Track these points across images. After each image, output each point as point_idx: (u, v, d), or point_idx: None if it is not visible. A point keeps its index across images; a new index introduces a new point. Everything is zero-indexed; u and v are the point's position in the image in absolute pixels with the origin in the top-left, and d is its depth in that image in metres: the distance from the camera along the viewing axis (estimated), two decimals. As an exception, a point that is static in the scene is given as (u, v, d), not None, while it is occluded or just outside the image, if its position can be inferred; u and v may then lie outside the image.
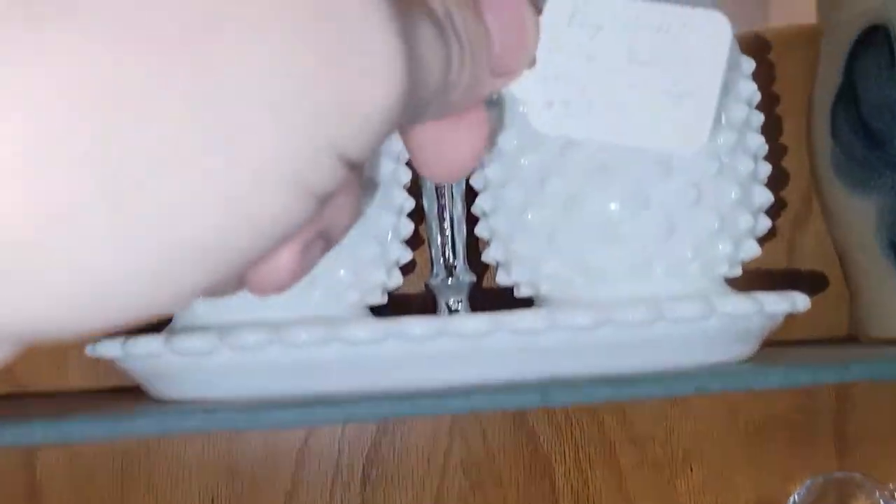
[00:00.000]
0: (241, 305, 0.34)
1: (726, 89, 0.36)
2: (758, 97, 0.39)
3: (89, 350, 0.37)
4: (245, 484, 0.50)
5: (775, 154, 0.55)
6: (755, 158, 0.37)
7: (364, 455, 0.51)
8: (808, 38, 0.51)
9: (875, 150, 0.44)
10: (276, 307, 0.34)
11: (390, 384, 0.33)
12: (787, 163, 0.54)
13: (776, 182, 0.54)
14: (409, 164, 0.40)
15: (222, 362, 0.33)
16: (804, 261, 0.55)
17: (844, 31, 0.46)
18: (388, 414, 0.33)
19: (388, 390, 0.33)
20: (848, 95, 0.45)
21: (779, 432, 0.54)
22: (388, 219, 0.37)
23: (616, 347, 0.34)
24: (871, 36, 0.44)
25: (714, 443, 0.54)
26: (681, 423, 0.54)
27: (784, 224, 0.54)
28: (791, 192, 0.54)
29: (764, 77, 0.55)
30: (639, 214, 0.35)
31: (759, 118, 0.38)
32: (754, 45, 0.55)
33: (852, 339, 0.49)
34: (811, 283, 0.53)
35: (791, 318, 0.39)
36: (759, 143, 0.37)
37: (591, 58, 0.22)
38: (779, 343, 0.50)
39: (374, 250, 0.36)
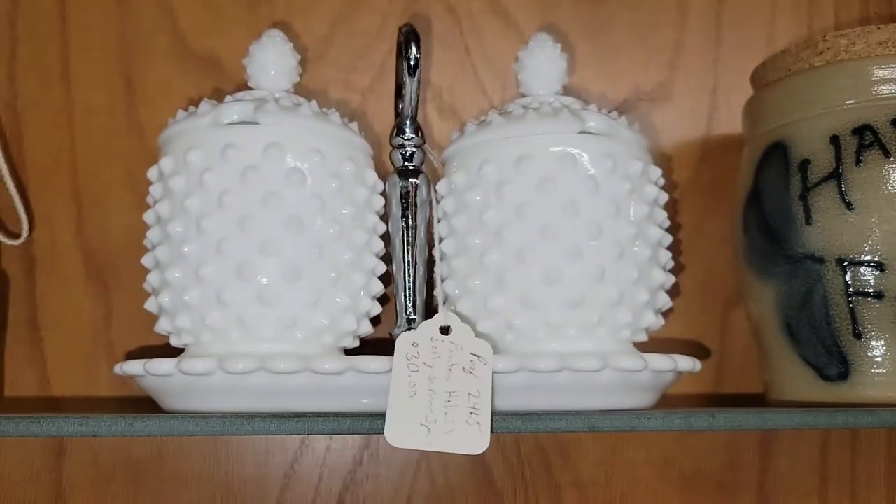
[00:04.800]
0: (238, 340, 0.44)
1: (634, 190, 0.46)
2: (664, 198, 0.48)
3: (116, 369, 0.46)
4: (238, 499, 0.59)
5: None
6: (654, 247, 0.46)
7: (341, 481, 0.60)
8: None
9: (774, 244, 0.52)
10: (264, 344, 0.43)
11: (349, 408, 0.42)
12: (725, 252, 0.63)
13: (712, 268, 0.63)
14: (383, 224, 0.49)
15: (218, 383, 0.42)
16: (734, 335, 0.63)
17: (756, 145, 0.55)
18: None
19: (348, 412, 0.42)
20: (755, 199, 0.54)
21: (707, 484, 0.62)
22: (360, 279, 0.46)
23: (530, 390, 0.42)
24: (774, 151, 0.53)
25: (649, 489, 0.62)
26: (620, 469, 0.62)
27: (717, 303, 0.63)
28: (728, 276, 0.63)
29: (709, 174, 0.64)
30: (554, 287, 0.44)
31: (663, 215, 0.47)
32: (703, 148, 0.65)
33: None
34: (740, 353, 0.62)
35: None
36: (659, 234, 0.46)
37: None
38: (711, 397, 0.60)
39: (348, 303, 0.46)
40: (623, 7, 0.66)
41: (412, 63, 0.46)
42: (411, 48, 0.46)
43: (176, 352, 0.48)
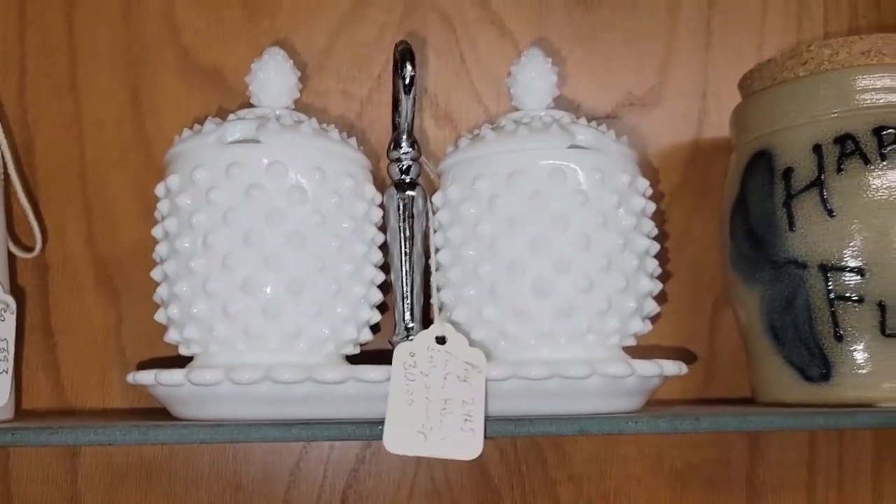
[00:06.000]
0: (244, 350, 0.46)
1: (621, 202, 0.48)
2: (651, 209, 0.50)
3: (129, 378, 0.48)
4: (245, 497, 0.61)
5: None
6: (641, 256, 0.48)
7: (344, 479, 0.62)
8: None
9: (758, 250, 0.54)
10: (269, 354, 0.46)
11: (350, 414, 0.44)
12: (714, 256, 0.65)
13: (701, 270, 0.65)
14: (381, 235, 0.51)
15: (226, 393, 0.44)
16: (724, 336, 0.65)
17: (743, 152, 0.57)
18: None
19: (349, 419, 0.44)
20: (741, 205, 0.56)
21: (698, 478, 0.64)
22: (360, 290, 0.48)
23: (522, 396, 0.45)
24: (759, 159, 0.55)
25: (641, 484, 0.64)
26: (613, 465, 0.64)
27: (706, 307, 0.65)
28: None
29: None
30: (545, 297, 0.46)
31: (650, 225, 0.49)
32: (693, 152, 0.67)
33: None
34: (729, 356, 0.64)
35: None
36: (646, 244, 0.48)
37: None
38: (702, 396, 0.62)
39: (348, 313, 0.48)
40: (615, 14, 0.68)
41: (407, 81, 0.48)
42: (406, 66, 0.48)
43: (186, 359, 0.50)
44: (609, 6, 0.68)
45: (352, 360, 0.51)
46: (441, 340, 0.44)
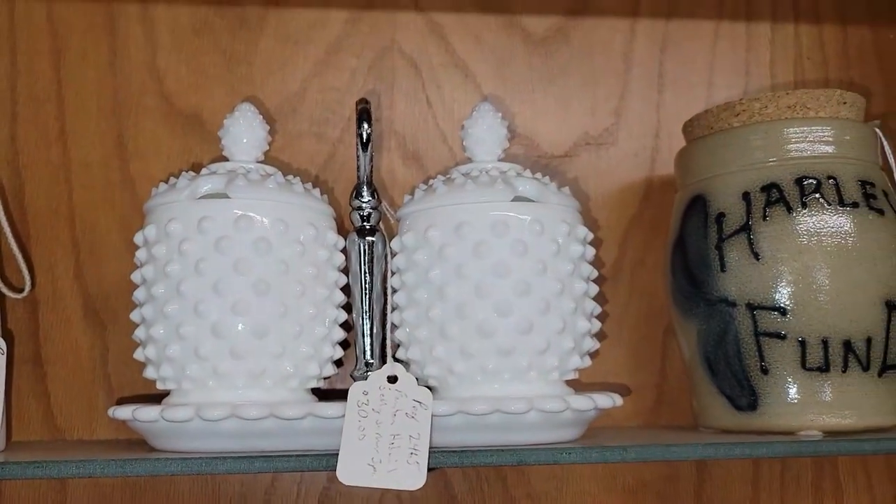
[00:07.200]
0: (214, 388, 0.50)
1: (560, 250, 0.52)
2: (590, 255, 0.54)
3: (109, 413, 0.53)
4: (225, 514, 0.65)
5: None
6: (579, 299, 0.52)
7: (317, 497, 0.66)
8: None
9: (695, 288, 0.59)
10: (237, 391, 0.50)
11: (311, 446, 0.49)
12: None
13: (655, 300, 0.69)
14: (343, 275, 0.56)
15: (197, 428, 0.49)
16: (675, 359, 0.70)
17: (684, 195, 0.61)
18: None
19: (308, 451, 0.48)
20: (680, 245, 0.60)
21: (649, 495, 0.69)
22: (322, 330, 0.53)
23: (468, 429, 0.49)
24: (696, 202, 0.59)
25: (596, 500, 0.68)
26: (569, 483, 0.68)
27: (658, 334, 0.70)
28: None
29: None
30: (488, 338, 0.50)
31: (589, 269, 0.54)
32: (646, 188, 0.71)
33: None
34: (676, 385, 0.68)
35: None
36: (584, 287, 0.53)
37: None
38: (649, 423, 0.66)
39: (311, 352, 0.52)
40: (573, 59, 0.72)
41: (364, 139, 0.52)
42: (363, 125, 0.52)
43: (164, 391, 0.55)
44: (567, 51, 0.72)
45: (317, 391, 0.56)
46: (393, 380, 0.49)
